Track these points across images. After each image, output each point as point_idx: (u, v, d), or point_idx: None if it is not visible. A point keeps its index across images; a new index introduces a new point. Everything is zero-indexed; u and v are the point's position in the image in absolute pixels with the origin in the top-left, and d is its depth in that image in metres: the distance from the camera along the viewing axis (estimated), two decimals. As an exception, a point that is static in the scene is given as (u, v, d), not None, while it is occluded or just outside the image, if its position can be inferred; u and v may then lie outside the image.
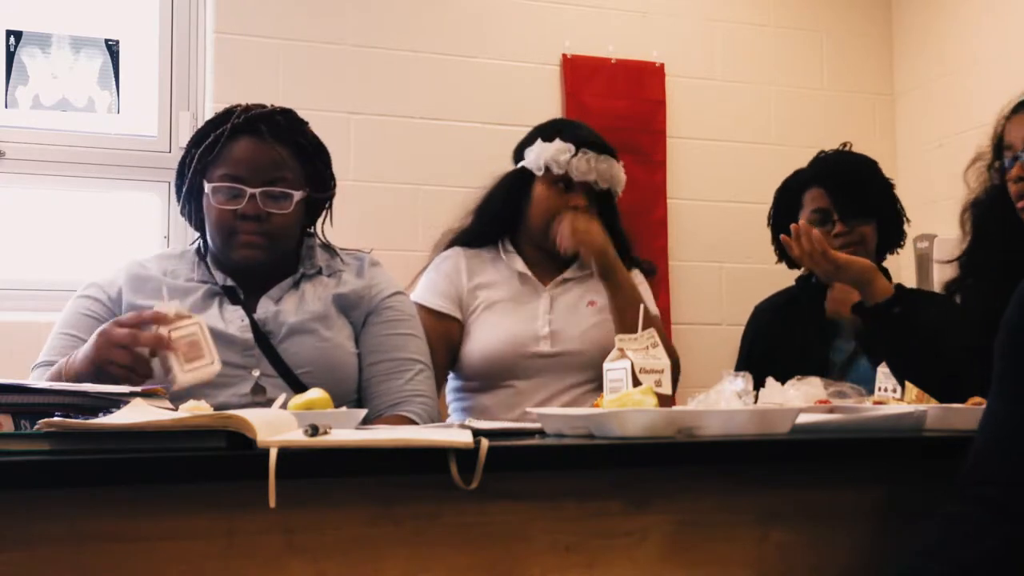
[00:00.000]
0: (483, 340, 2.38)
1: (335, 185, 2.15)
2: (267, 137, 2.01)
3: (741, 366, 2.54)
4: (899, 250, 2.64)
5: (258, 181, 1.99)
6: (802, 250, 2.03)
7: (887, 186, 2.58)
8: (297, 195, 2.02)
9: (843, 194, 2.47)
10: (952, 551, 1.16)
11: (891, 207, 2.56)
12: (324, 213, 2.17)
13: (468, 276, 2.43)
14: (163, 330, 1.67)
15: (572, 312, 2.42)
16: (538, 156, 2.41)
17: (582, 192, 2.41)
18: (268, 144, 2.01)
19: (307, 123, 2.12)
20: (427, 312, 2.37)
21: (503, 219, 2.48)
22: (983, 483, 1.17)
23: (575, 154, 2.38)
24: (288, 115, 2.08)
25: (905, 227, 2.61)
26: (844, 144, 2.64)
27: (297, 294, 2.07)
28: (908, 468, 1.44)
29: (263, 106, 2.07)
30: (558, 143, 2.40)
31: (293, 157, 2.04)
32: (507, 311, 2.40)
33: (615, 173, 2.44)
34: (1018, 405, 1.20)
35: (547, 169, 2.40)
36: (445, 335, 2.39)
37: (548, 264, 2.47)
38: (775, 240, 2.58)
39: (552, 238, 2.38)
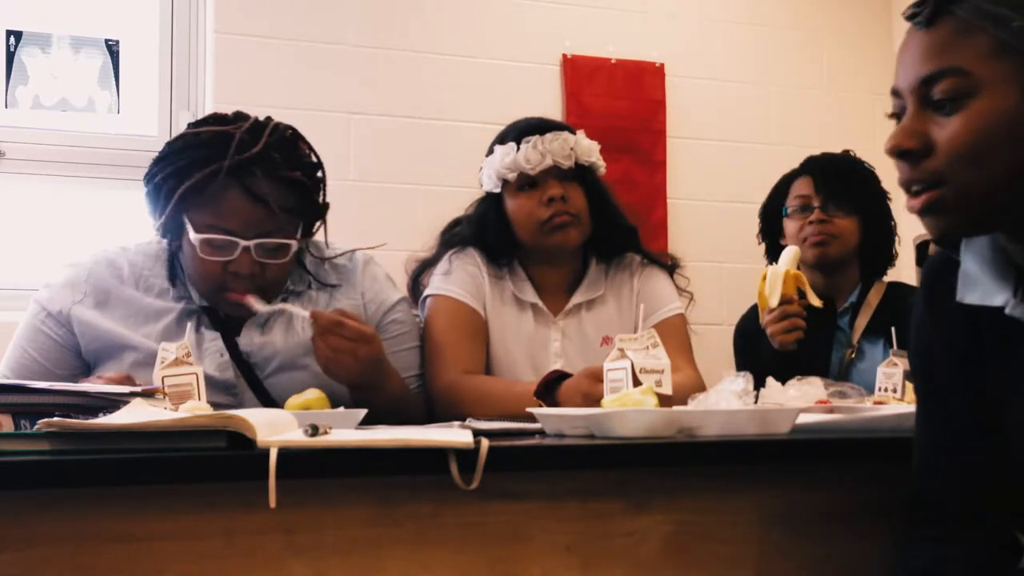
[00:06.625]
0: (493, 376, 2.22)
1: (328, 206, 1.96)
2: (261, 183, 1.80)
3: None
4: (893, 260, 2.59)
5: (252, 234, 1.80)
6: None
7: (877, 189, 2.55)
8: (294, 244, 1.86)
9: (825, 182, 2.51)
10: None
11: (877, 208, 2.54)
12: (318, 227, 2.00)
13: (489, 287, 2.23)
14: (157, 375, 1.56)
15: (585, 350, 2.22)
16: (490, 174, 2.21)
17: (551, 180, 2.17)
18: (262, 194, 1.79)
19: (302, 140, 1.91)
20: (457, 304, 2.19)
21: (501, 248, 2.26)
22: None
23: (519, 149, 2.16)
24: (285, 147, 1.85)
25: (896, 241, 2.56)
26: (846, 151, 2.64)
27: (284, 318, 1.93)
28: (908, 468, 1.43)
29: (258, 135, 1.82)
30: (499, 150, 2.20)
31: (288, 196, 1.84)
32: (518, 347, 2.22)
33: (575, 145, 2.18)
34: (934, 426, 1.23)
35: (504, 181, 2.19)
36: (481, 326, 2.21)
37: (558, 285, 2.28)
38: (765, 235, 2.65)
39: (547, 245, 2.20)
